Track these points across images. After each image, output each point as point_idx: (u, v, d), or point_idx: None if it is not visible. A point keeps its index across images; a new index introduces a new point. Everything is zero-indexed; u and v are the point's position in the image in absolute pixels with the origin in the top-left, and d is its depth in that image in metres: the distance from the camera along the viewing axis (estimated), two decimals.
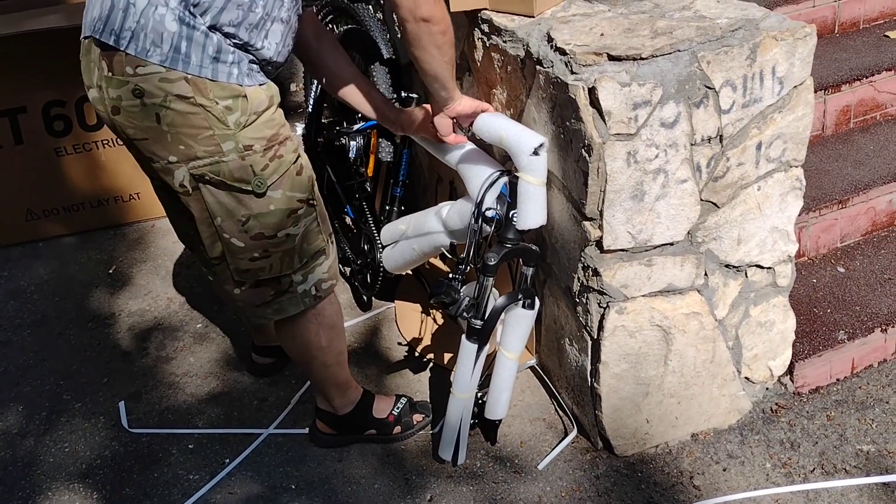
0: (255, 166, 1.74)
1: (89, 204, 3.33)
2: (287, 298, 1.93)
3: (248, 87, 1.70)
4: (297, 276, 1.91)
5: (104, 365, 2.67)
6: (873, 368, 2.38)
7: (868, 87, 2.75)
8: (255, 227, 1.80)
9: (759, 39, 1.81)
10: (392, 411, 2.28)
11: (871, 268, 2.51)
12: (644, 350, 2.06)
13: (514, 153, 1.93)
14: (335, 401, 2.21)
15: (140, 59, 1.64)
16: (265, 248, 1.83)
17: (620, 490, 2.11)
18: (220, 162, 1.72)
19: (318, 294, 1.96)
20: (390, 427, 2.27)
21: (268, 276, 1.88)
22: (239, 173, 1.73)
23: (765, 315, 2.18)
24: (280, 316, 1.96)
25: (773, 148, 1.95)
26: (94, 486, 2.25)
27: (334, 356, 2.12)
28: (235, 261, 1.85)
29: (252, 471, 2.25)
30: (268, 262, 1.85)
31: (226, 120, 1.69)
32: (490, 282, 1.99)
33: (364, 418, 2.26)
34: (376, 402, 2.28)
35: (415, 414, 2.30)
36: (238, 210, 1.78)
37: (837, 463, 2.12)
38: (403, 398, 2.32)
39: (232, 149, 1.71)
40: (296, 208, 1.82)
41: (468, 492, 2.14)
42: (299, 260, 1.89)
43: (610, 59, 1.76)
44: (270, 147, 1.75)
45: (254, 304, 1.94)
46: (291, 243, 1.85)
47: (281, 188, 1.79)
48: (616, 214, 1.87)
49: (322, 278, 1.96)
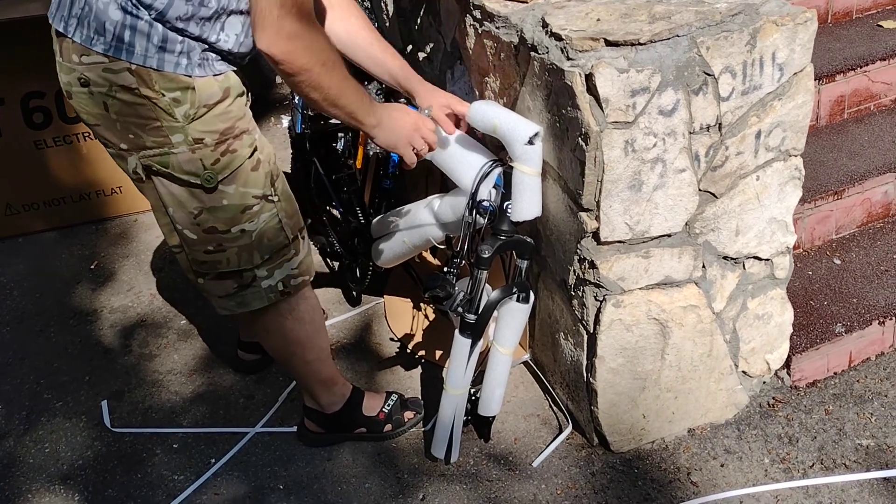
0: (205, 160, 1.67)
1: (70, 198, 3.26)
2: (251, 292, 1.87)
3: (199, 79, 1.62)
4: (262, 271, 1.84)
5: (86, 363, 2.60)
6: (871, 361, 2.35)
7: (862, 77, 2.72)
8: (207, 221, 1.74)
9: (759, 24, 1.76)
10: (382, 409, 2.23)
11: (868, 259, 2.48)
12: (641, 344, 2.01)
13: (509, 143, 1.88)
14: (321, 398, 2.16)
15: (84, 48, 1.59)
16: (219, 243, 1.77)
17: (617, 487, 2.07)
18: (169, 154, 1.65)
19: (285, 290, 1.90)
20: (381, 425, 2.22)
21: (226, 269, 1.82)
22: (188, 166, 1.67)
23: (762, 308, 2.15)
24: (244, 309, 1.90)
25: (772, 136, 1.91)
26: (76, 488, 2.19)
27: (315, 352, 2.06)
28: (192, 252, 1.81)
29: (239, 471, 2.19)
30: (223, 255, 1.79)
31: (173, 112, 1.62)
32: (484, 275, 1.94)
33: (353, 416, 2.20)
34: (366, 399, 2.23)
35: (406, 411, 2.25)
36: (190, 202, 1.72)
37: (837, 458, 2.09)
38: (394, 395, 2.27)
39: (181, 141, 1.64)
40: (251, 204, 1.75)
41: (461, 490, 2.09)
42: (260, 256, 1.82)
43: (607, 45, 1.71)
44: (223, 141, 1.68)
45: (217, 295, 1.89)
46: (248, 239, 1.78)
47: (234, 183, 1.72)
48: (613, 205, 1.82)
49: (291, 274, 1.89)
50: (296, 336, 2.00)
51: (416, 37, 2.52)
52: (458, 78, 2.32)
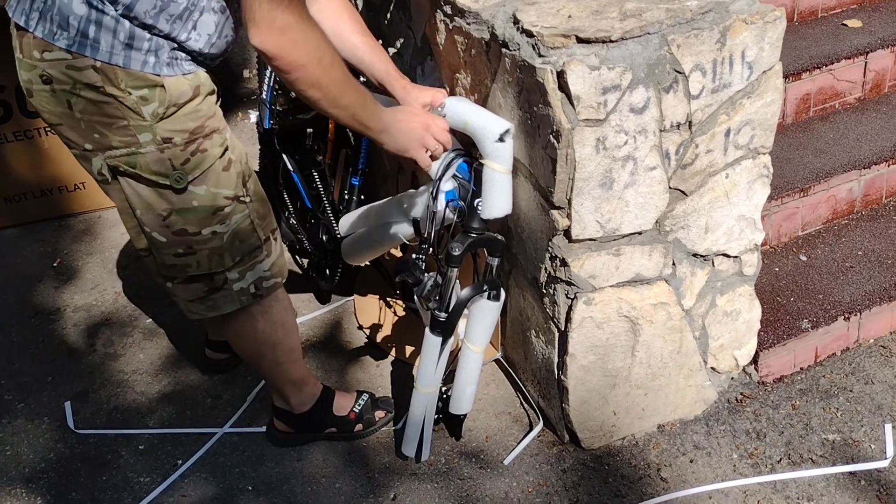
0: (174, 160, 1.62)
1: (31, 194, 3.18)
2: (221, 295, 1.82)
3: (168, 78, 1.57)
4: (233, 273, 1.79)
5: (48, 363, 2.55)
6: (836, 357, 2.38)
7: (827, 76, 2.75)
8: (177, 223, 1.69)
9: (729, 22, 1.77)
10: (353, 408, 2.21)
11: (833, 256, 2.51)
12: (612, 341, 2.02)
13: (479, 140, 1.87)
14: (291, 398, 2.13)
15: (47, 43, 1.53)
16: (189, 245, 1.72)
17: (587, 484, 2.07)
18: (136, 154, 1.60)
19: (257, 292, 1.86)
20: (351, 425, 2.20)
21: (196, 272, 1.76)
22: (157, 166, 1.62)
23: (731, 304, 2.16)
24: (215, 313, 1.85)
25: (741, 135, 1.92)
26: (39, 491, 2.14)
27: (285, 354, 2.03)
28: (160, 255, 1.75)
29: (207, 472, 2.16)
30: (194, 258, 1.74)
31: (140, 111, 1.56)
32: (454, 272, 1.92)
33: (323, 416, 2.18)
34: (336, 398, 2.20)
35: (377, 410, 2.24)
36: (158, 204, 1.66)
37: (804, 452, 2.11)
38: (365, 394, 2.25)
39: (149, 140, 1.59)
40: (222, 206, 1.70)
41: (433, 489, 2.08)
42: (231, 258, 1.77)
43: (579, 42, 1.70)
44: (193, 140, 1.63)
45: (187, 300, 1.84)
46: (219, 241, 1.73)
47: (205, 184, 1.67)
48: (584, 203, 1.82)
49: (263, 276, 1.85)
50: (267, 338, 1.97)
51: (386, 31, 2.49)
52: (428, 74, 2.30)
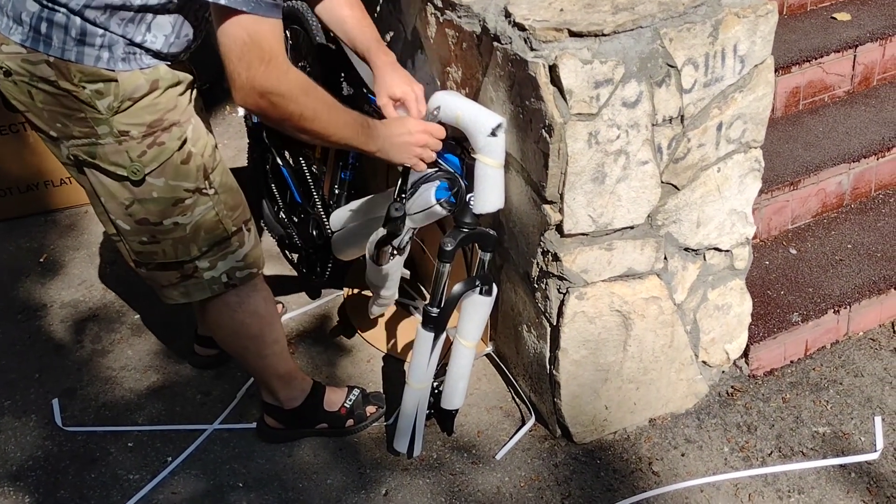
0: (131, 152, 1.63)
1: (17, 189, 3.15)
2: (193, 283, 1.84)
3: (123, 73, 1.56)
4: (203, 262, 1.81)
5: (35, 360, 2.52)
6: (826, 350, 2.39)
7: (817, 69, 2.76)
8: (138, 212, 1.71)
9: (721, 16, 1.77)
10: (344, 403, 2.20)
11: (823, 249, 2.52)
12: (604, 336, 2.02)
13: (471, 134, 1.86)
14: (280, 393, 2.12)
15: (3, 37, 1.55)
16: (152, 234, 1.74)
17: (579, 478, 2.07)
18: (95, 144, 1.62)
19: (230, 282, 1.87)
20: (343, 420, 2.19)
21: (164, 260, 1.79)
22: (115, 157, 1.64)
23: (722, 298, 2.17)
24: (188, 299, 1.87)
25: (733, 128, 1.92)
26: (27, 489, 2.12)
27: (268, 346, 2.02)
28: (128, 241, 1.78)
29: (197, 469, 2.15)
30: (159, 247, 1.77)
31: (95, 104, 1.57)
32: (447, 268, 1.91)
33: (314, 412, 2.17)
34: (327, 393, 2.20)
35: (368, 406, 2.23)
36: (120, 193, 1.69)
37: (794, 445, 2.12)
38: (356, 389, 2.24)
39: (107, 133, 1.61)
40: (183, 197, 1.71)
41: (425, 484, 2.07)
42: (197, 249, 1.78)
43: (571, 36, 1.69)
44: (151, 133, 1.63)
45: (160, 285, 1.87)
46: (182, 231, 1.75)
47: (163, 176, 1.68)
48: (577, 197, 1.81)
49: (236, 266, 1.86)
50: (248, 330, 1.96)
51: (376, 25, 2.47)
52: (418, 67, 2.29)
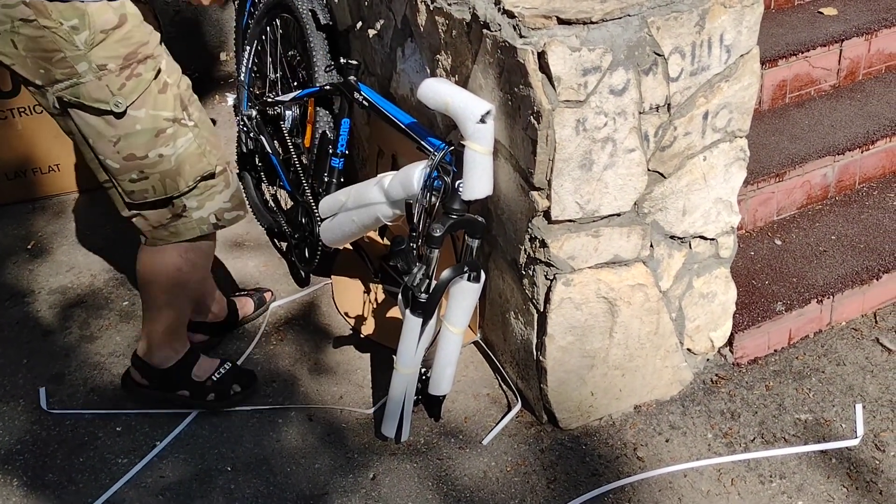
0: (111, 86, 1.74)
1: (5, 176, 3.14)
2: (182, 223, 1.95)
3: (92, 4, 1.67)
4: (191, 201, 1.92)
5: (23, 345, 2.52)
6: (809, 339, 2.42)
7: (803, 63, 2.78)
8: (126, 148, 1.81)
9: (708, 6, 1.79)
10: (212, 376, 2.23)
11: (807, 240, 2.55)
12: (590, 322, 2.04)
13: (460, 121, 1.87)
14: (158, 350, 2.16)
15: None
16: (140, 169, 1.84)
17: (565, 463, 2.10)
18: (78, 84, 1.72)
19: (219, 223, 1.99)
20: (205, 392, 2.22)
21: (154, 197, 1.88)
22: (97, 93, 1.74)
23: (707, 286, 2.19)
24: (177, 239, 1.98)
25: (719, 118, 1.94)
26: (14, 473, 2.12)
27: (187, 301, 2.12)
28: (119, 183, 1.87)
29: (185, 452, 2.16)
30: (148, 183, 1.86)
31: (73, 40, 1.68)
32: (436, 254, 1.93)
33: (180, 376, 2.21)
34: (199, 362, 2.23)
35: (235, 384, 2.24)
36: (107, 131, 1.79)
37: (777, 432, 2.15)
38: (228, 363, 2.27)
39: (87, 70, 1.71)
40: (164, 127, 1.83)
41: (412, 469, 2.09)
42: (185, 183, 1.89)
43: (560, 23, 1.71)
44: (127, 66, 1.75)
45: (151, 226, 1.96)
46: (168, 164, 1.85)
47: (144, 107, 1.79)
48: (564, 184, 1.83)
49: (223, 207, 1.98)
50: (183, 279, 2.05)
51: (366, 13, 2.48)
52: (409, 55, 2.30)
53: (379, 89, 2.55)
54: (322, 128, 2.50)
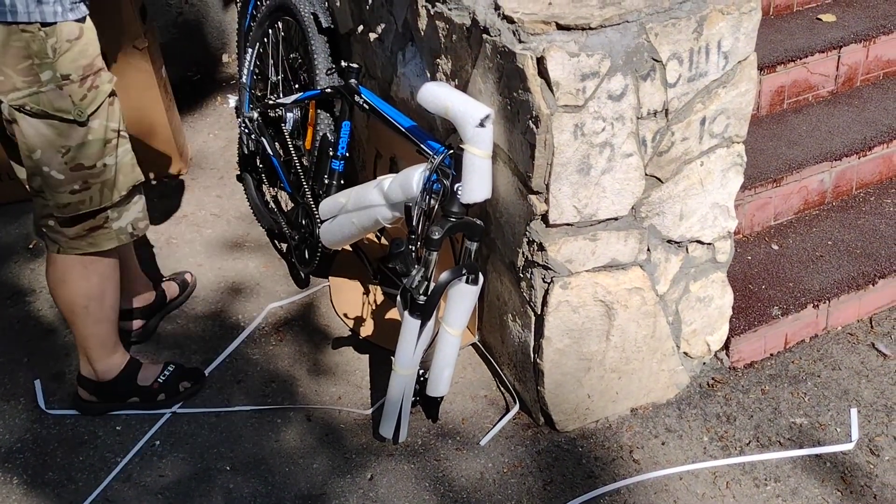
0: (73, 96, 1.84)
1: (6, 175, 3.15)
2: (101, 234, 2.03)
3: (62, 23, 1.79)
4: (113, 213, 2.02)
5: (24, 343, 2.54)
6: (805, 343, 2.43)
7: (801, 69, 2.80)
8: (75, 159, 1.90)
9: (706, 12, 1.80)
10: (157, 378, 2.28)
11: (804, 245, 2.57)
12: (587, 325, 2.05)
13: (460, 125, 1.89)
14: (98, 364, 2.21)
15: None
16: (85, 180, 1.93)
17: (561, 465, 2.11)
18: (39, 93, 1.81)
19: (133, 232, 2.09)
20: (154, 394, 2.28)
21: (87, 209, 1.97)
22: (59, 103, 1.83)
23: (704, 290, 2.21)
24: (94, 249, 2.04)
25: (716, 123, 1.96)
26: (14, 471, 2.13)
27: (105, 311, 2.15)
28: (55, 195, 1.94)
29: (185, 452, 2.17)
30: (87, 194, 1.95)
31: (45, 48, 1.77)
32: (434, 256, 1.94)
33: (127, 385, 2.26)
34: (142, 369, 2.29)
35: (182, 381, 2.30)
36: (58, 141, 1.87)
37: (772, 435, 2.16)
38: (171, 365, 2.33)
39: (49, 79, 1.80)
40: (111, 138, 1.94)
41: (409, 470, 2.11)
42: (119, 193, 2.00)
43: (559, 29, 1.73)
44: (86, 77, 1.85)
45: (69, 238, 2.02)
46: (109, 173, 1.96)
47: (99, 118, 1.90)
48: (562, 188, 1.85)
49: (138, 217, 2.08)
50: (93, 290, 2.10)
51: (368, 17, 2.50)
52: (409, 59, 2.32)
53: (379, 92, 2.57)
54: (323, 130, 2.51)
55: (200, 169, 3.30)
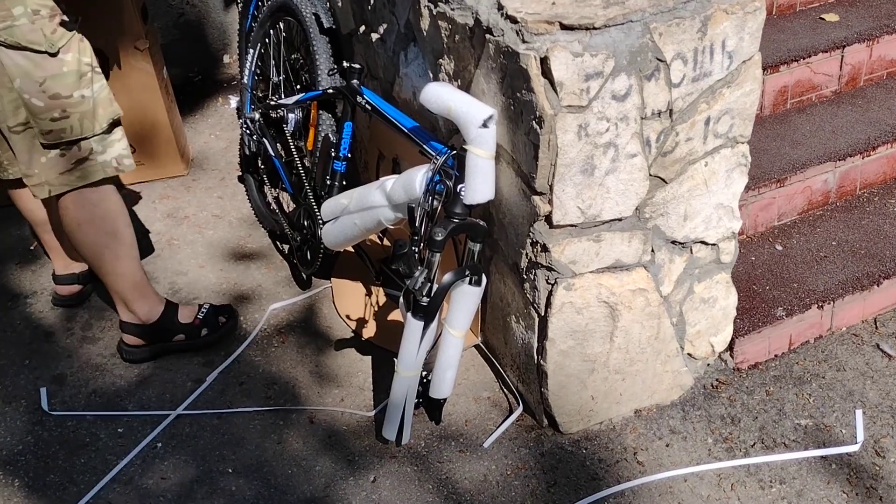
0: (44, 29, 1.96)
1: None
2: (89, 165, 2.12)
3: None
4: (98, 145, 2.11)
5: (25, 346, 2.53)
6: (810, 344, 2.42)
7: (805, 69, 2.79)
8: (52, 88, 2.00)
9: (710, 12, 1.79)
10: (197, 315, 2.43)
11: (808, 246, 2.56)
12: (591, 327, 2.04)
13: (463, 125, 1.88)
14: (139, 307, 2.32)
15: None
16: (63, 108, 2.03)
17: (565, 467, 2.10)
18: (13, 26, 1.92)
19: (119, 167, 2.17)
20: (198, 330, 2.41)
21: (70, 137, 2.06)
22: (31, 36, 1.94)
23: (708, 291, 2.20)
24: (83, 182, 2.13)
25: (720, 123, 1.95)
26: (16, 474, 2.13)
27: (126, 248, 2.25)
28: (39, 122, 2.04)
29: (187, 454, 2.16)
30: (68, 122, 2.05)
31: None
32: (437, 258, 1.94)
33: (171, 324, 2.38)
34: (180, 309, 2.41)
35: (219, 316, 2.46)
36: (35, 72, 1.98)
37: (777, 437, 2.15)
38: (206, 304, 2.48)
39: (21, 13, 1.92)
40: (85, 71, 2.05)
41: (412, 472, 2.10)
42: (99, 125, 2.09)
43: (562, 29, 1.72)
44: (54, 14, 1.97)
45: (58, 172, 2.10)
46: (88, 105, 2.06)
47: (71, 51, 2.01)
48: (566, 189, 1.84)
49: (122, 153, 2.17)
50: (106, 226, 2.20)
51: (369, 17, 2.49)
52: (411, 60, 2.31)
53: (382, 93, 2.56)
54: (325, 131, 2.51)
55: (202, 170, 3.30)
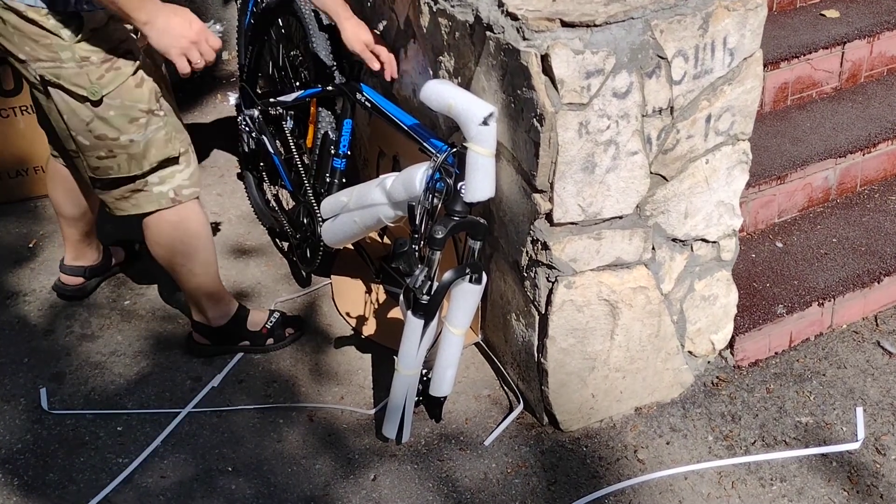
0: (90, 75, 1.88)
1: (7, 174, 3.14)
2: (143, 196, 2.09)
3: (87, 12, 1.82)
4: (154, 177, 2.07)
5: (24, 344, 2.52)
6: (810, 342, 2.42)
7: (805, 65, 2.78)
8: (97, 129, 1.95)
9: (711, 9, 1.79)
10: (266, 324, 2.43)
11: (808, 243, 2.55)
12: (591, 324, 2.04)
13: (463, 123, 1.87)
14: (209, 312, 2.34)
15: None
16: (110, 149, 1.98)
17: (566, 465, 2.10)
18: (59, 67, 1.86)
19: (176, 198, 2.12)
20: (263, 339, 2.42)
21: (117, 175, 2.02)
22: (76, 79, 1.88)
23: (709, 289, 2.19)
24: (138, 211, 2.11)
25: (721, 121, 1.94)
26: (15, 472, 2.12)
27: (201, 266, 2.24)
28: (86, 158, 2.01)
29: (186, 453, 2.16)
30: (114, 161, 2.00)
31: (59, 33, 1.81)
32: (437, 256, 1.93)
33: (238, 330, 2.40)
34: (251, 315, 2.43)
35: (287, 327, 2.45)
36: (81, 111, 1.92)
37: (777, 435, 2.15)
38: (277, 312, 2.48)
39: (69, 58, 1.85)
40: (137, 117, 1.97)
41: (412, 470, 2.09)
42: (148, 164, 2.03)
43: (563, 26, 1.71)
44: (108, 59, 1.89)
45: (114, 198, 2.10)
46: (136, 148, 1.99)
47: (119, 98, 1.93)
48: (567, 187, 1.83)
49: (182, 184, 2.12)
50: (183, 248, 2.19)
51: (369, 13, 2.48)
52: (411, 57, 2.30)
53: (381, 90, 2.55)
54: (324, 128, 2.49)
55: (201, 167, 3.29)
